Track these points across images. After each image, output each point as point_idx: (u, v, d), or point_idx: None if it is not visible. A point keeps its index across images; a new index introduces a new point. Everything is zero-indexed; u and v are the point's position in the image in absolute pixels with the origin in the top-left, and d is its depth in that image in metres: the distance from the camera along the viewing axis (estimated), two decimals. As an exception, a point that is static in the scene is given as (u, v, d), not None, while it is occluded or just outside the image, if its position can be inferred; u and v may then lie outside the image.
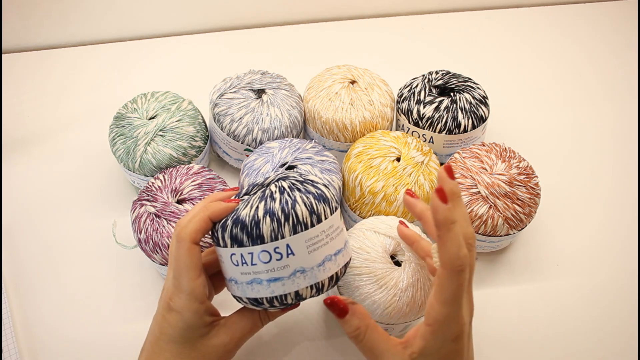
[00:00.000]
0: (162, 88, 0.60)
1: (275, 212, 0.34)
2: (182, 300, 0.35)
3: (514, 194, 0.49)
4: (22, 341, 0.49)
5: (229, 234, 0.35)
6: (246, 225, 0.34)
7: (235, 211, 0.36)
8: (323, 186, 0.38)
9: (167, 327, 0.36)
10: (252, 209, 0.35)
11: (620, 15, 0.86)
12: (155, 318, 0.37)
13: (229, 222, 0.35)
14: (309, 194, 0.36)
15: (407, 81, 0.61)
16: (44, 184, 0.61)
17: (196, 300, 0.35)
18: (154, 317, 0.38)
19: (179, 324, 0.35)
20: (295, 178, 0.38)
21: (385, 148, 0.52)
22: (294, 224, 0.34)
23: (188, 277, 0.35)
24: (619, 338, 0.50)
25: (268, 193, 0.36)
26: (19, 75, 0.74)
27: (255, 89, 0.58)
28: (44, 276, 0.53)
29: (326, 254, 0.36)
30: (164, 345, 0.36)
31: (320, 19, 0.84)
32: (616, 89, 0.74)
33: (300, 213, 0.34)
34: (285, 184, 0.36)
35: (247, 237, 0.34)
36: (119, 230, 0.50)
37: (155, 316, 0.38)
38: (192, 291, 0.35)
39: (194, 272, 0.35)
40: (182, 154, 0.55)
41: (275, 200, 0.35)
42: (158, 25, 0.81)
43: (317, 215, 0.35)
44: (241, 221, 0.35)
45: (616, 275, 0.54)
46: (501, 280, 0.54)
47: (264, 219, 0.34)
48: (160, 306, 0.37)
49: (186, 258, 0.35)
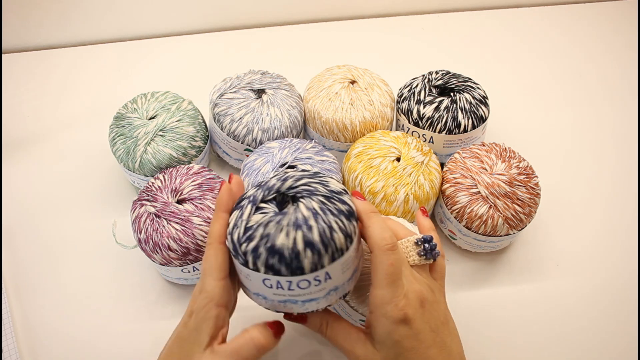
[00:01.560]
0: (162, 88, 0.60)
1: (315, 244, 0.33)
2: (201, 300, 0.34)
3: (514, 194, 0.49)
4: (22, 341, 0.49)
5: (263, 262, 0.33)
6: (285, 257, 0.33)
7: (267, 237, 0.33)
8: (345, 194, 0.36)
9: (183, 330, 0.35)
10: (290, 239, 0.33)
11: (620, 15, 0.86)
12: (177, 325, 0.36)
13: (262, 249, 0.33)
14: (340, 215, 0.35)
15: (407, 81, 0.61)
16: (44, 184, 0.61)
17: (212, 300, 0.34)
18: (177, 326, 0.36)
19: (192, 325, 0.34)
20: (319, 191, 0.35)
21: (385, 148, 0.52)
22: (333, 252, 0.34)
23: (212, 277, 0.35)
24: (619, 338, 0.50)
25: (301, 219, 0.34)
26: (19, 75, 0.74)
27: (255, 89, 0.58)
28: (44, 276, 0.53)
29: (354, 267, 0.37)
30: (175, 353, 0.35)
31: (320, 19, 0.84)
32: (616, 89, 0.74)
33: (337, 241, 0.34)
34: (316, 204, 0.34)
35: (285, 267, 0.33)
36: (119, 230, 0.50)
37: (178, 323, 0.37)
38: (212, 291, 0.34)
39: (217, 272, 0.35)
40: (182, 154, 0.55)
41: (312, 229, 0.33)
42: (158, 25, 0.81)
43: (350, 237, 0.35)
44: (278, 251, 0.33)
45: (616, 275, 0.54)
46: (501, 280, 0.54)
47: (304, 252, 0.33)
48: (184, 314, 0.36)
49: (212, 257, 0.35)
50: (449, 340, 0.35)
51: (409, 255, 0.36)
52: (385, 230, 0.34)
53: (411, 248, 0.36)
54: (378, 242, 0.34)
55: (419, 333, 0.33)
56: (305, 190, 0.36)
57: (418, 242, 0.37)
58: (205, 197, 0.48)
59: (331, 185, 0.36)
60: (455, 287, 0.53)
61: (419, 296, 0.34)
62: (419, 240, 0.37)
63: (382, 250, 0.34)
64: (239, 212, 0.35)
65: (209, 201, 0.48)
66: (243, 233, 0.34)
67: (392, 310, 0.33)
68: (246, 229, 0.34)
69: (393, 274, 0.33)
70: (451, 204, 0.51)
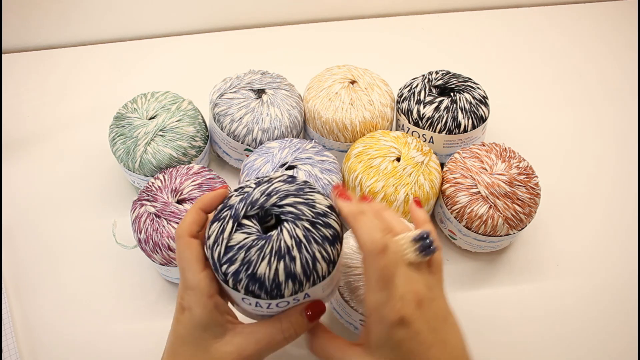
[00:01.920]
0: (162, 88, 0.60)
1: (297, 276, 0.33)
2: (190, 296, 0.34)
3: (514, 194, 0.49)
4: (22, 341, 0.49)
5: (244, 287, 0.33)
6: (266, 286, 0.33)
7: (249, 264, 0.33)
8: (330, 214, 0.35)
9: (181, 328, 0.35)
10: (271, 270, 0.33)
11: (620, 15, 0.86)
12: (171, 325, 0.37)
13: (243, 274, 0.33)
14: (325, 242, 0.34)
15: (407, 81, 0.61)
16: (44, 184, 0.61)
17: (203, 294, 0.34)
18: (171, 326, 0.37)
19: (190, 322, 0.34)
20: (304, 216, 0.34)
21: (385, 148, 0.52)
22: (314, 280, 0.34)
23: (191, 271, 0.34)
24: (619, 338, 0.50)
25: (284, 248, 0.33)
26: (19, 75, 0.74)
27: (255, 89, 0.58)
28: (44, 276, 0.53)
29: (335, 282, 0.37)
30: (179, 349, 0.35)
31: (320, 19, 0.84)
32: (616, 89, 0.74)
33: (320, 270, 0.34)
34: (300, 232, 0.34)
35: (265, 294, 0.33)
36: (119, 230, 0.50)
37: (171, 324, 0.37)
38: (198, 285, 0.34)
39: (196, 265, 0.35)
40: (182, 154, 0.55)
41: (294, 260, 0.33)
42: (158, 25, 0.81)
43: (333, 262, 0.35)
44: (259, 280, 0.33)
45: (616, 275, 0.54)
46: (501, 280, 0.54)
47: (285, 283, 0.33)
48: (175, 312, 0.36)
49: (185, 252, 0.35)
50: (450, 337, 0.34)
51: (405, 253, 0.35)
52: (374, 231, 0.33)
53: (408, 245, 0.35)
54: (367, 245, 0.33)
55: (418, 334, 0.32)
56: (290, 213, 0.34)
57: (416, 238, 0.35)
58: (205, 197, 0.48)
59: (317, 206, 0.35)
60: (455, 287, 0.53)
61: (415, 296, 0.33)
62: (416, 237, 0.35)
63: (372, 254, 0.33)
64: (219, 227, 0.34)
65: (209, 201, 0.48)
66: (224, 252, 0.34)
67: (389, 314, 0.32)
68: (227, 248, 0.34)
69: (385, 277, 0.32)
70: (451, 204, 0.51)
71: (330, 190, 0.36)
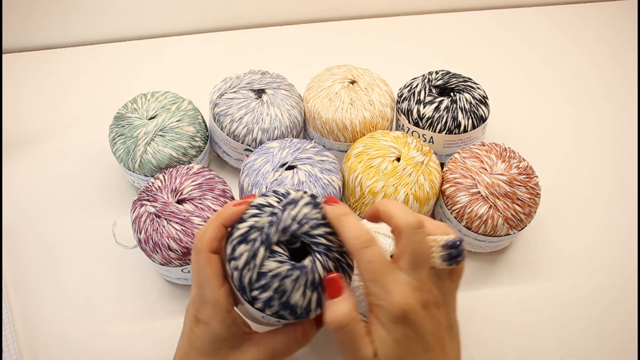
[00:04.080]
0: (162, 88, 0.60)
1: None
2: (208, 311, 0.35)
3: (514, 194, 0.49)
4: (22, 341, 0.49)
5: (273, 311, 0.34)
6: (296, 311, 0.34)
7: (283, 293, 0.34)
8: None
9: (197, 340, 0.35)
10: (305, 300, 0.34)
11: (620, 15, 0.86)
12: (184, 332, 0.37)
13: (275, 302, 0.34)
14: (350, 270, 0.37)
15: (407, 81, 0.61)
16: (44, 184, 0.61)
17: (222, 310, 0.35)
18: (182, 332, 0.37)
19: (207, 335, 0.35)
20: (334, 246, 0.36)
21: (385, 148, 0.52)
22: None
23: (211, 288, 0.34)
24: (619, 338, 0.50)
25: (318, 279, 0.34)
26: (19, 75, 0.74)
27: (255, 89, 0.58)
28: (44, 276, 0.53)
29: None
30: (194, 359, 0.35)
31: (320, 19, 0.84)
32: (616, 89, 0.74)
33: None
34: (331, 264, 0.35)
35: (292, 316, 0.34)
36: (119, 230, 0.50)
37: (183, 331, 0.37)
38: (217, 301, 0.34)
39: (215, 281, 0.35)
40: (182, 154, 0.55)
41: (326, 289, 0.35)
42: (158, 25, 0.81)
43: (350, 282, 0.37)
44: (291, 307, 0.34)
45: (616, 275, 0.54)
46: (501, 280, 0.54)
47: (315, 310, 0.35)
48: (187, 319, 0.36)
49: (206, 268, 0.35)
50: (448, 346, 0.34)
51: (432, 257, 0.34)
52: (357, 229, 0.33)
53: (436, 250, 0.33)
54: (352, 243, 0.33)
55: (420, 335, 0.32)
56: (322, 244, 0.35)
57: (447, 245, 0.33)
58: (205, 197, 0.48)
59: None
60: (455, 287, 0.53)
61: (422, 298, 0.32)
62: (448, 243, 0.33)
63: (357, 250, 0.33)
64: (251, 251, 0.34)
65: (209, 201, 0.48)
66: (256, 279, 0.34)
67: (389, 308, 0.31)
68: (259, 275, 0.34)
69: (375, 270, 0.32)
70: (451, 204, 0.51)
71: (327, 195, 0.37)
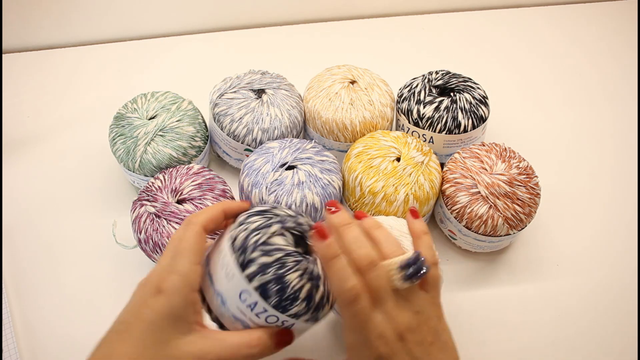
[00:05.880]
0: (162, 88, 0.60)
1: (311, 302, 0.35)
2: (175, 281, 0.32)
3: (514, 194, 0.49)
4: (22, 341, 0.49)
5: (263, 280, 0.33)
6: (283, 291, 0.33)
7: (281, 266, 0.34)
8: None
9: (149, 312, 0.32)
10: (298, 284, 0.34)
11: (620, 15, 0.86)
12: (129, 306, 0.33)
13: (271, 270, 0.33)
14: None
15: (407, 81, 0.61)
16: (44, 184, 0.61)
17: (188, 285, 0.33)
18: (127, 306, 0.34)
19: (163, 308, 0.31)
20: None
21: (385, 148, 0.52)
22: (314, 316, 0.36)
23: (188, 260, 0.33)
24: (619, 338, 0.50)
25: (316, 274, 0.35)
26: (19, 75, 0.74)
27: (255, 89, 0.58)
28: (44, 276, 0.53)
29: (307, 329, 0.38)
30: (136, 332, 0.31)
31: (320, 19, 0.84)
32: (616, 89, 0.74)
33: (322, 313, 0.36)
34: None
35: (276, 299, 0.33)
36: (119, 230, 0.50)
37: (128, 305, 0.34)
38: (187, 274, 0.33)
39: (194, 256, 0.33)
40: (182, 154, 0.55)
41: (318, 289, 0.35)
42: (158, 25, 0.81)
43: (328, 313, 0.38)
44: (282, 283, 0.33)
45: (616, 275, 0.54)
46: (501, 280, 0.54)
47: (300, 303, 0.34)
48: (142, 291, 0.33)
49: (192, 239, 0.34)
50: (440, 358, 0.33)
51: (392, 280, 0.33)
52: (346, 281, 0.32)
53: (395, 272, 0.33)
54: (339, 295, 0.33)
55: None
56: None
57: (402, 265, 0.33)
58: (205, 197, 0.48)
59: None
60: (455, 287, 0.53)
61: (397, 331, 0.32)
62: (404, 263, 0.33)
63: (345, 304, 0.32)
64: (265, 220, 0.35)
65: (209, 201, 0.48)
66: (262, 243, 0.34)
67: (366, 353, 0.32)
68: (266, 242, 0.34)
69: (359, 323, 0.32)
70: (451, 204, 0.51)
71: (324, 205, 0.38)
